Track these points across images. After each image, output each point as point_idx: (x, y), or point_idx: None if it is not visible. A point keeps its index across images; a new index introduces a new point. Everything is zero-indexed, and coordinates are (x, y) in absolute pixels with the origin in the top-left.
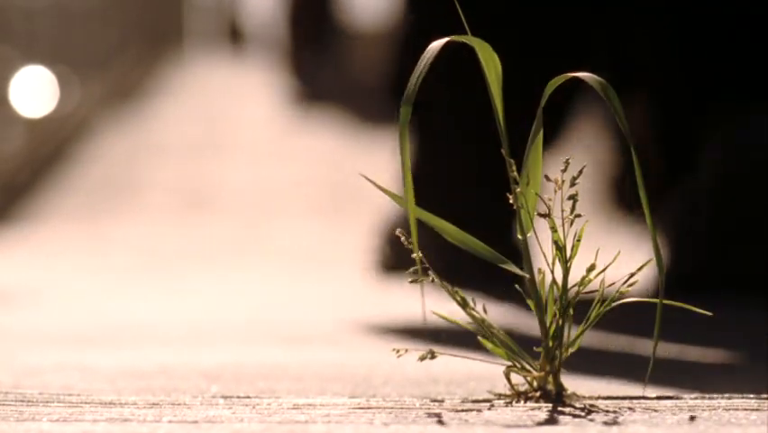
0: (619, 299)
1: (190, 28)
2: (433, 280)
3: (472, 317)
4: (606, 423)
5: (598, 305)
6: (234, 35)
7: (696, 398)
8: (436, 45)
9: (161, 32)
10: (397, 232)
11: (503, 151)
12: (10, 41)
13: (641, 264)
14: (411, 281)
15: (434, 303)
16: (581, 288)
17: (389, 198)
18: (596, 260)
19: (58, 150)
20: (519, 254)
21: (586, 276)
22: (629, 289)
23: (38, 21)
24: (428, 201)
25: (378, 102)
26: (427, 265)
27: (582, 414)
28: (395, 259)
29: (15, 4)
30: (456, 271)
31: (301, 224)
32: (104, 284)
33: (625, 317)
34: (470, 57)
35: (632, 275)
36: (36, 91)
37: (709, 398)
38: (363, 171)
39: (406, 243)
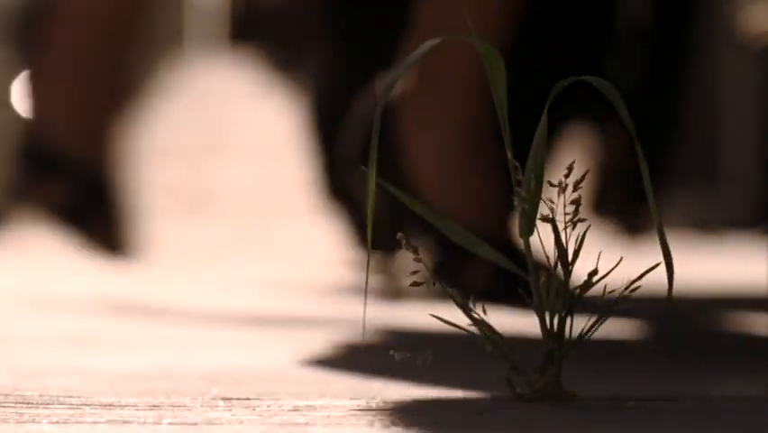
0: (621, 303)
1: (190, 28)
2: (435, 284)
3: (472, 318)
4: (606, 424)
5: (601, 310)
6: (236, 35)
7: (696, 399)
8: (429, 43)
9: (161, 32)
10: (399, 236)
11: (508, 153)
12: (10, 42)
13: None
14: (412, 285)
15: (437, 305)
16: (583, 292)
17: (398, 195)
18: (597, 264)
19: None
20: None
21: (588, 280)
22: (632, 294)
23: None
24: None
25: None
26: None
27: (583, 416)
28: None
29: (16, 5)
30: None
31: (301, 225)
32: (103, 285)
33: (626, 318)
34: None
35: (635, 281)
36: None
37: (709, 399)
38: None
39: (409, 250)
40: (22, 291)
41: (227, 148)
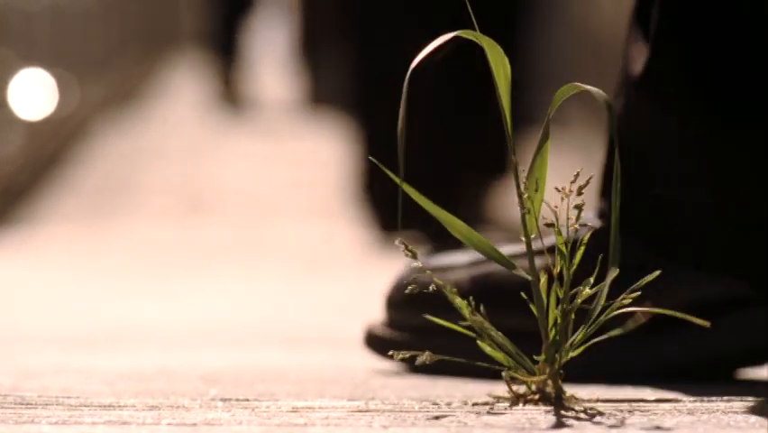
0: (620, 307)
1: (190, 29)
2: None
3: (471, 319)
4: (605, 426)
5: (599, 313)
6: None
7: (695, 401)
8: (442, 39)
9: (161, 33)
10: (397, 242)
11: (512, 155)
12: (8, 43)
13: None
14: (410, 291)
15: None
16: (581, 296)
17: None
18: (598, 265)
19: (57, 152)
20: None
21: (586, 285)
22: (631, 298)
23: (36, 23)
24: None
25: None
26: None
27: (582, 417)
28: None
29: (14, 6)
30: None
31: (301, 226)
32: (103, 286)
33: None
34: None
35: (634, 288)
36: (35, 94)
37: (708, 401)
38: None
39: (408, 256)
40: (23, 290)
41: (227, 150)
